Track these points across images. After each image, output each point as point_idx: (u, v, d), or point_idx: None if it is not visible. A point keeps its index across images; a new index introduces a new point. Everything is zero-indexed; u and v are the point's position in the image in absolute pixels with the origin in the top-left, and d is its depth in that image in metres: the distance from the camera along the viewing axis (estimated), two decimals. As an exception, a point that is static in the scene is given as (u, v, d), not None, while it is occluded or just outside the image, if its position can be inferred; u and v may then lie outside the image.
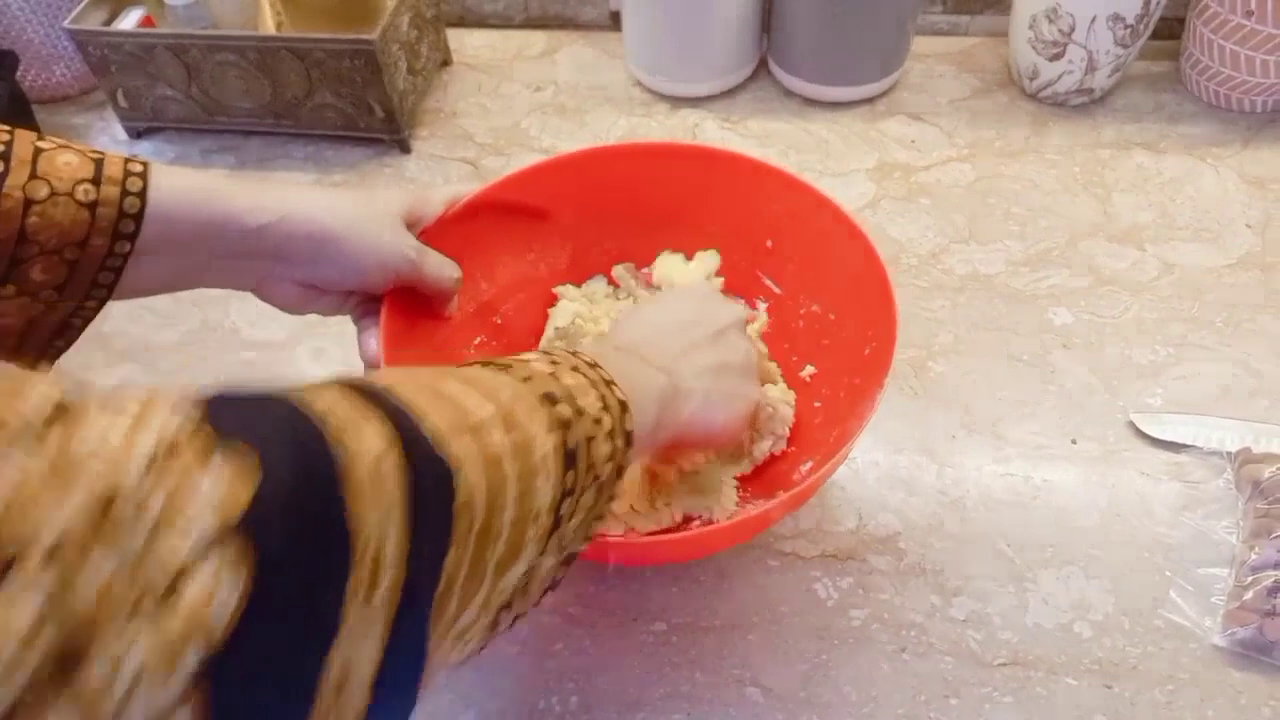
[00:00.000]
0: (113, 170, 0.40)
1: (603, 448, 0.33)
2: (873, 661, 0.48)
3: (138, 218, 0.40)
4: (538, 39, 0.88)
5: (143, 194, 0.40)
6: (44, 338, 0.43)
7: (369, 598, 0.22)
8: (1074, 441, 0.56)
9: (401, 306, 0.49)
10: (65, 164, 0.39)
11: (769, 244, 0.57)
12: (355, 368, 0.64)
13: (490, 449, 0.27)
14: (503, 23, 0.91)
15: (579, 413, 0.32)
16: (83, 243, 0.39)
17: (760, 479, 0.53)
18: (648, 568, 0.52)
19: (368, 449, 0.23)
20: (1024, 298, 0.64)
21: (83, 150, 0.40)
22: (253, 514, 0.20)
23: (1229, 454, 0.54)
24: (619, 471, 0.35)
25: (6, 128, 0.39)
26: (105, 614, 0.17)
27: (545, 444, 0.30)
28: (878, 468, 0.56)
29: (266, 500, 0.20)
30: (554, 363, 0.34)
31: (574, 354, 0.36)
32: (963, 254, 0.67)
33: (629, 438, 0.35)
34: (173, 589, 0.18)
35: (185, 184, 0.42)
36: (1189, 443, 0.55)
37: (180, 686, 0.18)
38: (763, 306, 0.59)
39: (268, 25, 0.78)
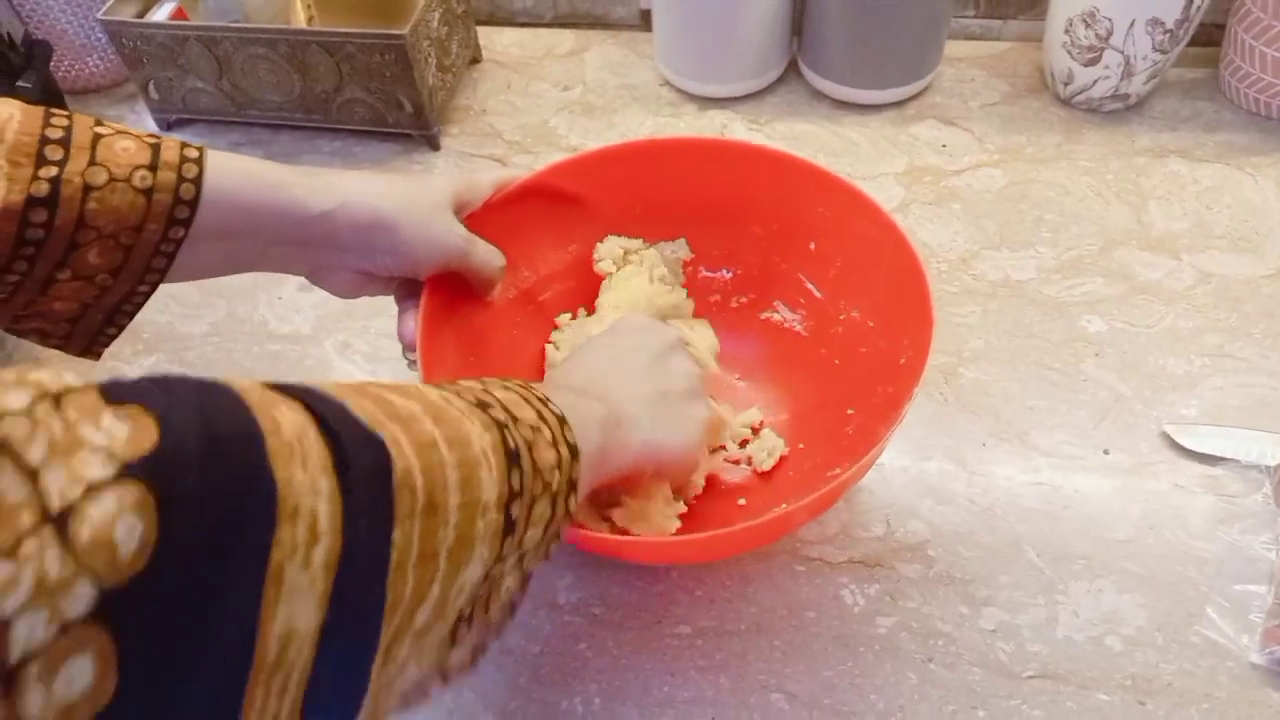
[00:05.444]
0: (169, 156, 0.40)
1: (547, 454, 0.33)
2: (899, 670, 0.47)
3: (193, 204, 0.40)
4: (567, 37, 0.88)
5: (198, 180, 0.40)
6: (96, 324, 0.43)
7: (307, 560, 0.21)
8: (1106, 452, 0.55)
9: (443, 290, 0.49)
10: (123, 149, 0.39)
11: (812, 246, 0.56)
12: (380, 361, 0.64)
13: (423, 435, 0.27)
14: (532, 20, 0.91)
15: (514, 419, 0.32)
16: (138, 228, 0.39)
17: (786, 484, 0.53)
18: (673, 571, 0.52)
19: (288, 421, 0.23)
20: (1056, 305, 0.63)
21: (140, 135, 0.40)
22: (153, 461, 0.19)
23: (1268, 468, 0.53)
24: (572, 486, 0.34)
25: (65, 113, 0.39)
26: None
27: (482, 439, 0.29)
28: (906, 474, 0.55)
29: (170, 451, 0.19)
30: (482, 382, 0.34)
31: (502, 380, 0.35)
32: (994, 260, 0.67)
33: (574, 450, 0.34)
34: (62, 525, 0.17)
35: (242, 170, 0.42)
36: (1225, 455, 0.54)
37: (63, 622, 0.17)
38: (707, 330, 0.59)
39: (299, 19, 0.78)
